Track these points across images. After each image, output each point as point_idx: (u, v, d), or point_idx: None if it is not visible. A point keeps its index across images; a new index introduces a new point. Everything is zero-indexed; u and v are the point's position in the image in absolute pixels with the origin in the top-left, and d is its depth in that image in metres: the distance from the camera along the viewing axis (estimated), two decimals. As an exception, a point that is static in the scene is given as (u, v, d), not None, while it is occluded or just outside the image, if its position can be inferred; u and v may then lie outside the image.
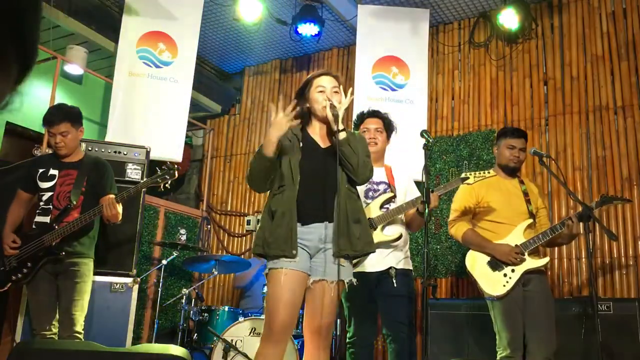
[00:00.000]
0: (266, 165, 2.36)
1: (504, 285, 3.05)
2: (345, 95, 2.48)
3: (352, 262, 2.50)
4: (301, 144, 2.49)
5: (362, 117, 3.33)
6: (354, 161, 2.42)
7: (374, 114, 3.33)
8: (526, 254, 3.09)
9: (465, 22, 5.34)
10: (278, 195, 2.41)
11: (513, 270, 3.07)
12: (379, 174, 3.19)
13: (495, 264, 3.11)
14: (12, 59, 0.48)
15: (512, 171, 3.33)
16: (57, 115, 3.21)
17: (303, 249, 2.37)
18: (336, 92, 2.51)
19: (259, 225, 2.51)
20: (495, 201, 3.23)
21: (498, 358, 3.02)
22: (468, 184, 3.11)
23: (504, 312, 3.02)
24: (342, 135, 2.42)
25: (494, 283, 3.08)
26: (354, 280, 2.44)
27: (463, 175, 3.12)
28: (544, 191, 3.92)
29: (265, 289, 2.77)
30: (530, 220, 3.19)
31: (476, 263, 3.17)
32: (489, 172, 3.12)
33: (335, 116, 2.41)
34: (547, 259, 3.21)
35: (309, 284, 2.37)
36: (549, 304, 3.12)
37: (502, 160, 3.33)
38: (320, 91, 2.51)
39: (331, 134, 2.52)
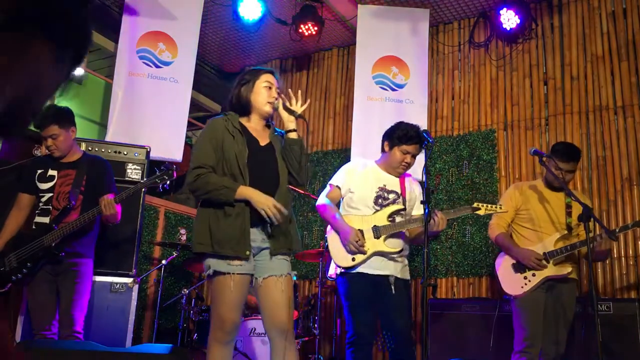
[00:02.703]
0: (218, 199, 2.36)
1: (522, 287, 3.21)
2: (295, 98, 2.51)
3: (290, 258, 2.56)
4: (245, 139, 2.46)
5: (409, 137, 3.04)
6: (303, 161, 2.48)
7: (421, 141, 3.04)
8: (551, 262, 3.20)
9: (465, 22, 5.34)
10: None
11: (534, 275, 3.21)
12: (392, 183, 3.14)
13: (519, 267, 3.26)
14: (66, 50, 0.48)
15: (557, 188, 3.37)
16: (45, 118, 3.12)
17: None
18: (278, 93, 2.54)
19: (199, 220, 2.44)
20: (534, 211, 3.34)
21: (514, 352, 3.16)
22: (478, 214, 3.16)
23: (524, 309, 3.19)
24: (294, 135, 2.48)
25: (513, 283, 3.24)
26: (294, 273, 2.54)
27: (475, 205, 3.12)
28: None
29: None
30: (565, 232, 3.28)
31: (503, 263, 3.33)
32: (500, 207, 3.15)
33: (299, 116, 2.48)
34: (569, 269, 3.26)
35: (259, 282, 2.41)
36: (568, 311, 3.24)
37: (549, 177, 3.37)
38: (267, 87, 2.51)
39: (268, 129, 2.57)
